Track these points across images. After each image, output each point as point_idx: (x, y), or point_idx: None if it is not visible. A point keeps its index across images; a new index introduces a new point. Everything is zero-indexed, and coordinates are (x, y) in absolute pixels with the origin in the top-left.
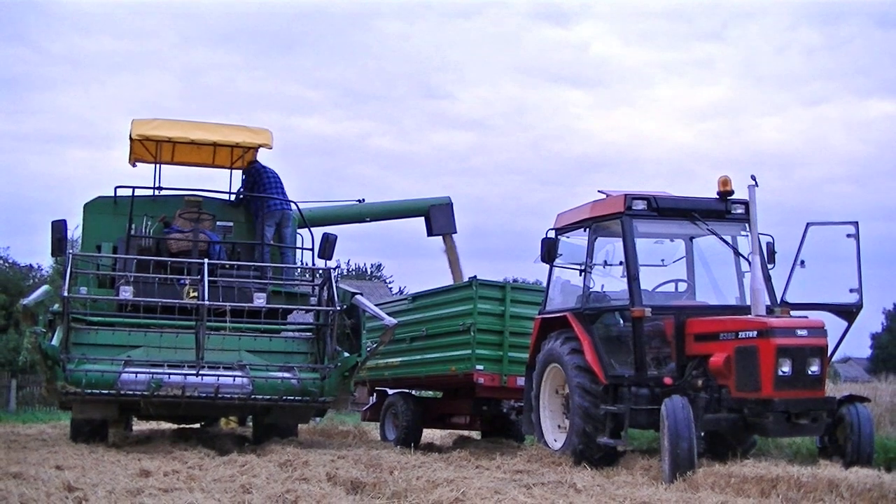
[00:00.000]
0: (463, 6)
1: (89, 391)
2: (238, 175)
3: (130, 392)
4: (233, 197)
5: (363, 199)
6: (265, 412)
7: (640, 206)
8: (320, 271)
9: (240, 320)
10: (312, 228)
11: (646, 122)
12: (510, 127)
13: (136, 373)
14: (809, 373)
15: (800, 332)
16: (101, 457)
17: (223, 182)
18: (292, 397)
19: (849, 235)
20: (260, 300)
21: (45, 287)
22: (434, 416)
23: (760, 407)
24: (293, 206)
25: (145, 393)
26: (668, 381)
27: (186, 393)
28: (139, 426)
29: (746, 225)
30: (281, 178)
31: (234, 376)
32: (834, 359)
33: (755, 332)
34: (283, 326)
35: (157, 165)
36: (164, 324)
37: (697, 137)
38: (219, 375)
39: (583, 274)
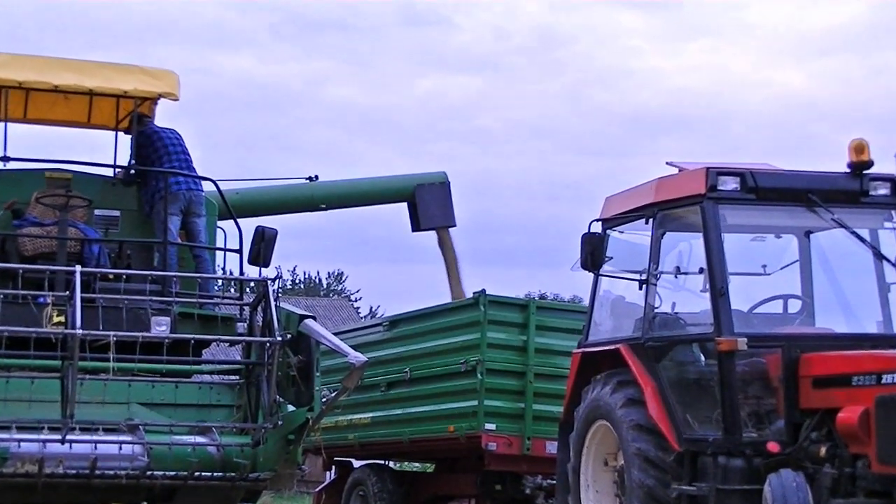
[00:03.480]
0: None
1: None
2: (128, 141)
3: None
4: (120, 172)
5: (316, 177)
6: (168, 496)
7: (729, 184)
8: (252, 284)
9: (131, 358)
10: (240, 220)
11: (736, 58)
12: (534, 69)
13: None
14: None
15: None
16: None
17: (105, 150)
18: (209, 473)
19: None
20: (162, 327)
21: None
22: (423, 498)
23: None
24: (212, 187)
25: None
26: (773, 447)
27: (46, 469)
28: None
29: (893, 213)
30: (185, 143)
31: (121, 443)
32: None
33: None
34: (196, 367)
35: (2, 124)
36: (12, 363)
37: (815, 82)
38: (97, 441)
39: (644, 287)
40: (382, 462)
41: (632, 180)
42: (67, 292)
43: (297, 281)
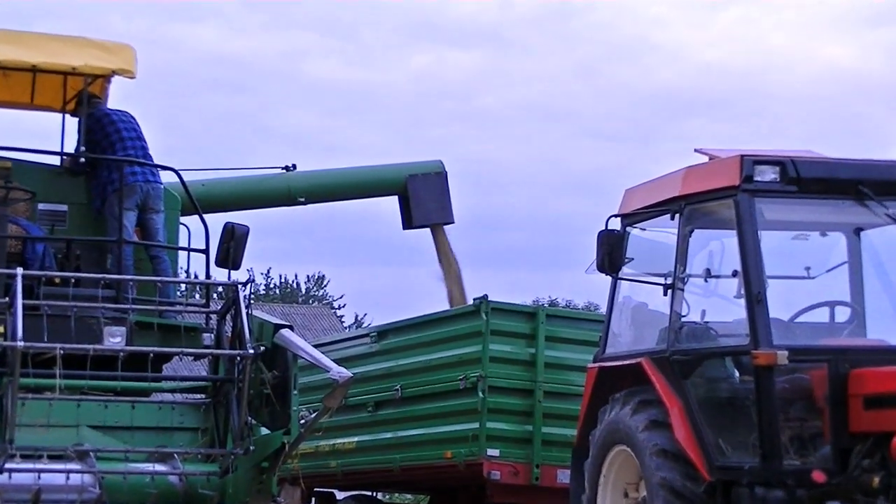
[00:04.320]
0: None
1: None
2: (76, 124)
3: None
4: (68, 161)
5: (293, 166)
6: None
7: (767, 174)
8: (220, 289)
9: (80, 374)
10: (206, 215)
11: (775, 30)
12: (543, 42)
13: None
14: None
15: None
16: None
17: (50, 136)
18: None
19: None
20: (116, 339)
21: None
22: None
23: None
24: (173, 178)
25: None
26: (819, 476)
27: None
28: None
29: None
30: (141, 128)
31: (69, 472)
32: None
33: None
34: (155, 384)
35: None
36: None
37: (867, 55)
38: (41, 470)
39: (669, 292)
40: (369, 493)
41: (655, 170)
42: (7, 298)
43: (271, 285)
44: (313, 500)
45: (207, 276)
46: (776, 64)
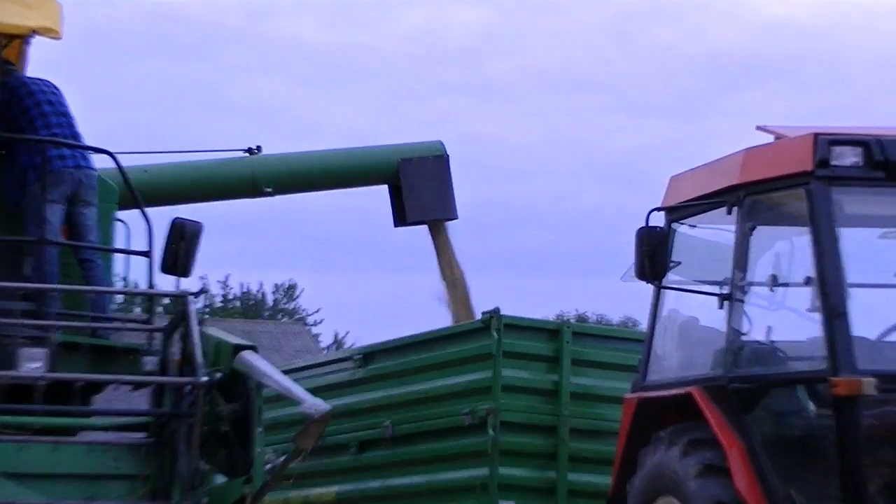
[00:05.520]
0: None
1: None
2: None
3: None
4: None
5: (258, 148)
6: None
7: (848, 157)
8: (167, 301)
9: None
10: (150, 209)
11: None
12: None
13: None
14: None
15: None
16: None
17: None
18: None
19: None
20: (35, 363)
21: None
22: None
23: None
24: (109, 162)
25: None
26: None
27: None
28: None
29: None
30: (67, 101)
31: None
32: None
33: None
34: (84, 420)
35: None
36: None
37: None
38: None
39: (726, 304)
40: None
41: (708, 153)
42: None
43: (230, 296)
44: None
45: (150, 284)
46: (855, 20)
